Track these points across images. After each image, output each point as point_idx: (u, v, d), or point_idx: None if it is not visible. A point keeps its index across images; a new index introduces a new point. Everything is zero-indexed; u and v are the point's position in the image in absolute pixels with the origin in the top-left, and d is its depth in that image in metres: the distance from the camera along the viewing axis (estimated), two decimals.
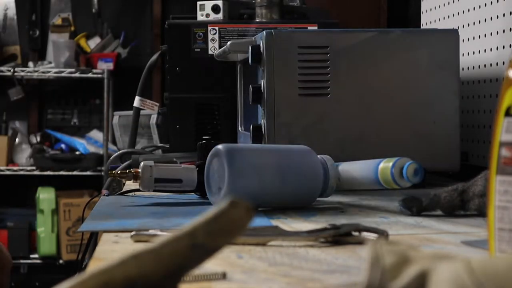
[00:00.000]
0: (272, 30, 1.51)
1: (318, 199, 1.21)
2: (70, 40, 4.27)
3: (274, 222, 1.04)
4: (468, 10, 1.81)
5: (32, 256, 4.19)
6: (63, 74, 4.18)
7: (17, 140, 4.30)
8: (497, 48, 1.65)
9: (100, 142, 4.27)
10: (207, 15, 1.91)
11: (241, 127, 1.80)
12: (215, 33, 1.87)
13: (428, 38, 1.53)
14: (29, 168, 4.20)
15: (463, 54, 1.81)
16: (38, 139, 4.33)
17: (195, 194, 1.32)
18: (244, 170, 1.13)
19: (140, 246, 0.55)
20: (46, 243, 4.14)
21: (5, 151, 4.18)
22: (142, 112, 1.92)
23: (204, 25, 1.88)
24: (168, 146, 1.90)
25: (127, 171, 1.29)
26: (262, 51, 1.51)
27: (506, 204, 0.65)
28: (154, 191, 1.29)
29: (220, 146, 1.16)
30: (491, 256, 0.66)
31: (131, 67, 4.21)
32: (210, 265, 0.72)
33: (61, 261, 4.16)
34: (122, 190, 1.43)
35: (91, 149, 4.28)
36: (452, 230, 0.99)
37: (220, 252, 0.58)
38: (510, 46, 1.59)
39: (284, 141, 1.48)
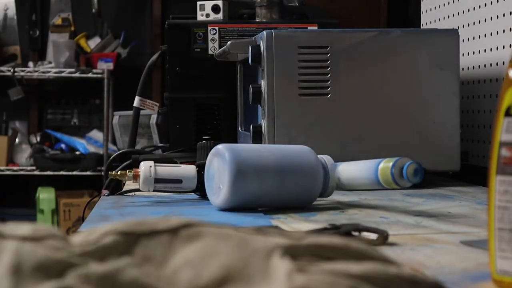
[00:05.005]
0: (272, 30, 1.51)
1: (318, 199, 1.21)
2: (70, 40, 4.27)
3: (274, 222, 1.05)
4: (468, 10, 1.81)
5: None
6: (63, 74, 4.18)
7: (17, 140, 4.30)
8: (497, 48, 1.65)
9: (100, 142, 4.27)
10: (207, 15, 1.91)
11: (241, 127, 1.80)
12: (215, 33, 1.87)
13: (428, 38, 1.53)
14: (29, 168, 4.20)
15: (463, 54, 1.81)
16: (38, 139, 4.33)
17: (195, 194, 1.32)
18: (245, 170, 1.13)
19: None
20: None
21: (5, 151, 4.18)
22: (142, 112, 1.92)
23: (204, 25, 1.88)
24: (168, 146, 1.90)
25: (127, 171, 1.29)
26: (262, 51, 1.51)
27: (506, 204, 0.65)
28: (154, 191, 1.29)
29: (220, 146, 1.16)
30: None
31: (131, 67, 4.21)
32: None
33: None
34: (122, 190, 1.43)
35: (91, 149, 4.28)
36: (452, 230, 0.99)
37: None
38: (510, 46, 1.59)
39: (284, 141, 1.48)
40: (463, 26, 1.83)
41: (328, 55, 1.51)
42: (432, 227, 1.01)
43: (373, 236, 0.88)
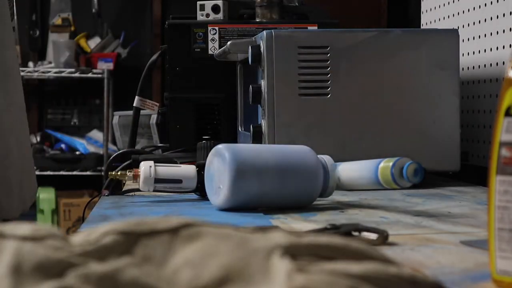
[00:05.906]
0: (272, 30, 1.51)
1: (318, 199, 1.21)
2: (70, 40, 4.27)
3: (274, 222, 1.05)
4: (468, 10, 1.81)
5: None
6: (63, 74, 4.18)
7: None
8: (497, 48, 1.65)
9: (100, 142, 4.27)
10: (207, 15, 1.91)
11: (241, 127, 1.80)
12: (215, 33, 1.87)
13: (428, 38, 1.53)
14: None
15: (463, 54, 1.81)
16: (38, 139, 4.33)
17: (195, 194, 1.32)
18: (245, 170, 1.13)
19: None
20: None
21: None
22: (142, 112, 1.92)
23: (204, 25, 1.88)
24: (168, 146, 1.90)
25: (127, 171, 1.29)
26: (262, 51, 1.51)
27: (506, 204, 0.65)
28: (154, 191, 1.29)
29: (220, 146, 1.16)
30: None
31: (131, 67, 4.21)
32: None
33: None
34: (122, 190, 1.43)
35: (91, 149, 4.28)
36: (452, 230, 0.99)
37: None
38: (510, 46, 1.59)
39: (284, 141, 1.48)
40: (463, 26, 1.83)
41: (328, 55, 1.51)
42: (432, 227, 1.01)
43: (373, 236, 0.88)
